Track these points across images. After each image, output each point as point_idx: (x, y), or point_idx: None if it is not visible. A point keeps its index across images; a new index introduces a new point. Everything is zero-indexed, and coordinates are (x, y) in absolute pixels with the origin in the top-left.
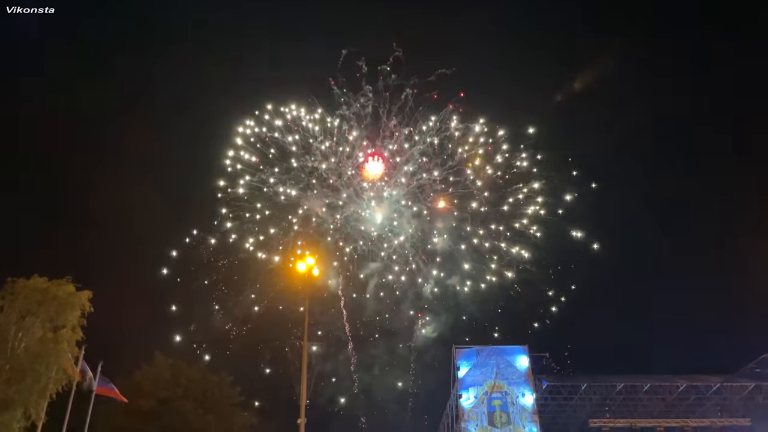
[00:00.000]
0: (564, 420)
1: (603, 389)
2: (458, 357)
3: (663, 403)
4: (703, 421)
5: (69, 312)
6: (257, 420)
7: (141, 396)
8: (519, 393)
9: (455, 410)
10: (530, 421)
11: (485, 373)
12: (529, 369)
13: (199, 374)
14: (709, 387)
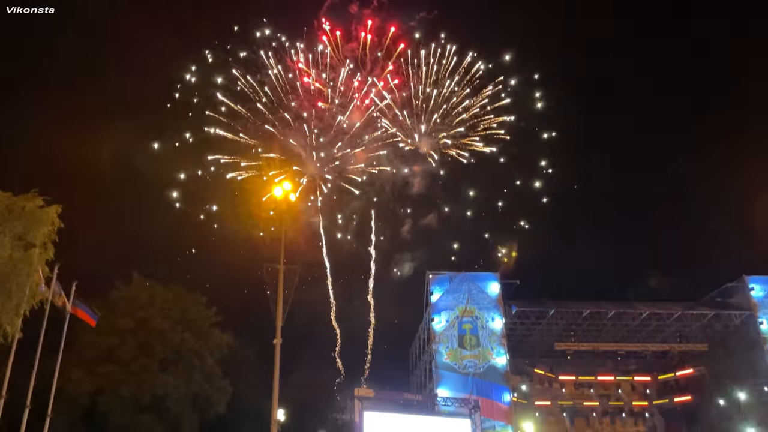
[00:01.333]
0: (531, 343)
1: (569, 315)
2: (432, 283)
3: (626, 328)
4: (663, 346)
5: (38, 228)
6: (234, 340)
7: (118, 315)
8: (489, 317)
9: (427, 333)
10: (498, 344)
11: (457, 299)
12: (499, 295)
13: (175, 295)
14: (670, 314)
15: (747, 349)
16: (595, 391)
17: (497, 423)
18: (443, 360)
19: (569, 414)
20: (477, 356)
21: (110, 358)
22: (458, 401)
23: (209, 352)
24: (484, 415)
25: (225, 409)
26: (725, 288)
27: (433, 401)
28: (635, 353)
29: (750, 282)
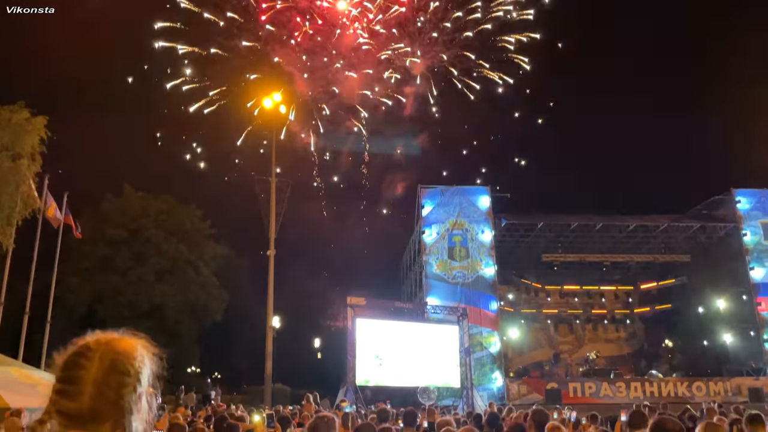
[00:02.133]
0: (519, 255)
1: (558, 227)
2: (423, 196)
3: (612, 240)
4: (648, 257)
5: (25, 139)
6: (229, 252)
7: (111, 226)
8: (479, 230)
9: (418, 245)
10: (487, 256)
11: (448, 212)
12: (489, 208)
13: (169, 207)
14: (657, 226)
15: (729, 260)
16: (579, 300)
17: (484, 329)
18: (433, 271)
19: (553, 321)
20: (466, 267)
21: (106, 269)
22: (447, 309)
23: (204, 263)
24: (471, 322)
25: (222, 317)
26: (712, 201)
27: (423, 309)
28: (620, 264)
29: (737, 195)
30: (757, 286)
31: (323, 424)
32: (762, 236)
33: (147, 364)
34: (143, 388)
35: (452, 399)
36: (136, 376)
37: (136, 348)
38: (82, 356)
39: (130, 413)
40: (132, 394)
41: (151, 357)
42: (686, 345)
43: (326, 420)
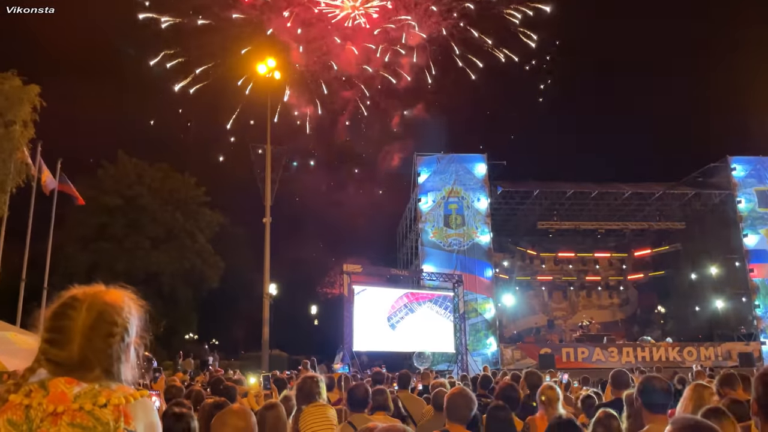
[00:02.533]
0: (515, 222)
1: (553, 195)
2: (419, 164)
3: (608, 208)
4: (642, 225)
5: (18, 107)
6: (224, 219)
7: (105, 193)
8: (475, 198)
9: (414, 213)
10: (483, 223)
11: (444, 179)
12: (486, 176)
13: (163, 174)
14: (652, 194)
15: (723, 227)
16: (574, 267)
17: (479, 296)
18: (429, 238)
19: (548, 288)
20: (462, 234)
21: (102, 236)
22: (442, 276)
23: (200, 230)
24: (466, 289)
25: (219, 285)
26: (708, 168)
27: (419, 276)
28: (615, 231)
29: (732, 162)
30: (749, 252)
31: (310, 383)
32: (756, 203)
33: (134, 315)
34: (131, 338)
35: (447, 364)
36: (124, 326)
37: (123, 299)
38: (69, 307)
39: (119, 361)
40: (120, 343)
41: (137, 308)
42: (678, 311)
43: (313, 379)
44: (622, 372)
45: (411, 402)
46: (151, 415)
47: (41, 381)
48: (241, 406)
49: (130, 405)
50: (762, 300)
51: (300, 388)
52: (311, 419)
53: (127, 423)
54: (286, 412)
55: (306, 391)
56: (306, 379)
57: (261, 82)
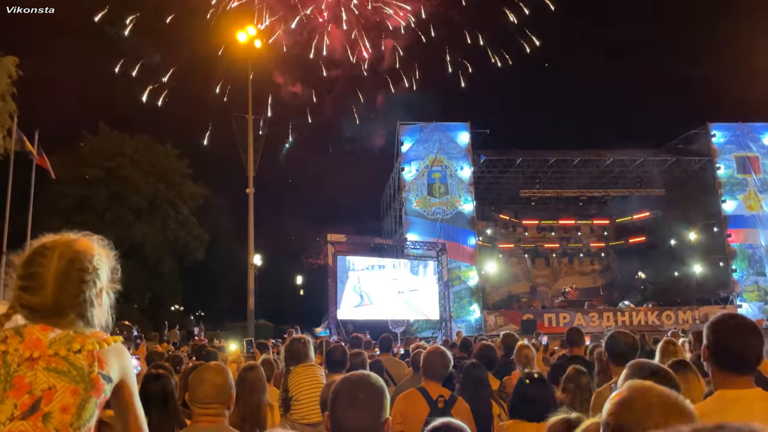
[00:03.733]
0: (498, 190)
1: (536, 163)
2: (402, 133)
3: (589, 175)
4: (623, 191)
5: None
6: (207, 191)
7: (87, 165)
8: (458, 166)
9: (397, 182)
10: (466, 192)
11: (427, 149)
12: (469, 144)
13: (145, 145)
14: (633, 161)
15: (702, 193)
16: (556, 234)
17: (463, 264)
18: (413, 207)
19: (530, 255)
20: (445, 203)
21: (84, 208)
22: (426, 244)
23: (183, 202)
24: (450, 257)
25: (203, 256)
26: (688, 135)
27: (403, 245)
28: (596, 198)
29: (712, 129)
30: (728, 218)
31: (298, 344)
32: (735, 169)
33: (104, 262)
34: (102, 284)
35: (431, 331)
36: (95, 272)
37: (93, 246)
38: (40, 255)
39: (92, 307)
40: (92, 289)
41: (108, 255)
42: (658, 276)
43: (302, 341)
44: (574, 329)
45: (392, 364)
46: (124, 360)
47: (16, 328)
48: (218, 363)
49: (104, 350)
50: (739, 264)
51: (289, 349)
52: (300, 378)
53: (101, 368)
54: (268, 375)
55: (295, 352)
56: (294, 340)
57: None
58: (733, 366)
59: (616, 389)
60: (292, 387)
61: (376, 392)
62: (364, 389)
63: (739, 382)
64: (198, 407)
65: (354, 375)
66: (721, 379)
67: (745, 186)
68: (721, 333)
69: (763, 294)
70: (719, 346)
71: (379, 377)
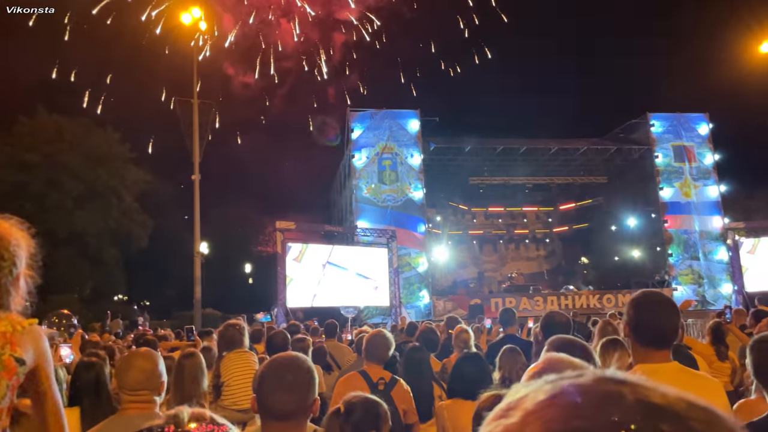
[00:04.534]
0: (447, 178)
1: (484, 151)
2: (352, 120)
3: (536, 163)
4: (567, 179)
5: None
6: (152, 177)
7: (24, 150)
8: (408, 154)
9: (348, 169)
10: (416, 179)
11: (378, 135)
12: (419, 132)
13: (85, 129)
14: (577, 149)
15: (641, 181)
16: (503, 221)
17: (413, 250)
18: (363, 194)
19: (479, 242)
20: (395, 191)
21: (20, 195)
22: (376, 232)
23: (126, 188)
24: (400, 244)
25: (147, 244)
26: (628, 124)
27: (353, 232)
28: (542, 186)
29: (652, 118)
30: (665, 205)
31: (232, 330)
32: (672, 158)
33: (22, 247)
34: (19, 270)
35: (381, 317)
36: (11, 259)
37: (10, 231)
38: None
39: (8, 293)
40: (9, 276)
41: (26, 239)
42: (599, 261)
43: (235, 326)
44: (505, 309)
45: (337, 350)
46: (40, 343)
47: None
48: (148, 349)
49: (17, 333)
50: (674, 249)
51: (222, 335)
52: (232, 365)
53: (14, 350)
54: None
55: (228, 338)
56: (228, 326)
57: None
58: (652, 341)
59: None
60: (224, 373)
61: (304, 373)
62: (292, 371)
63: (657, 356)
64: (127, 394)
65: (281, 357)
66: (641, 354)
67: (681, 174)
68: (640, 310)
69: (697, 277)
70: (638, 323)
71: (307, 358)
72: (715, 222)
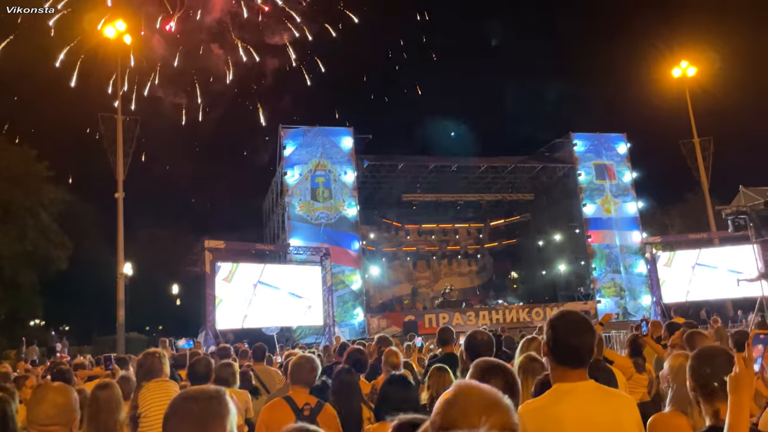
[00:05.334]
0: (381, 195)
1: (417, 168)
2: (285, 136)
3: (466, 180)
4: (497, 196)
5: None
6: (72, 196)
7: None
8: (342, 171)
9: (280, 187)
10: (350, 196)
11: (311, 153)
12: (352, 149)
13: None
14: (505, 167)
15: (566, 198)
16: (436, 237)
17: (347, 268)
18: (296, 212)
19: (412, 258)
20: (329, 208)
21: None
22: (310, 250)
23: (43, 208)
24: (334, 262)
25: (67, 266)
26: (553, 143)
27: (286, 250)
28: (473, 203)
29: (574, 138)
30: (588, 220)
31: (151, 359)
32: (594, 176)
33: None
34: None
35: (315, 336)
36: None
37: None
38: None
39: None
40: None
41: None
42: (528, 275)
43: (155, 355)
44: (444, 329)
45: (265, 374)
46: None
47: None
48: (61, 383)
49: None
50: (597, 263)
51: (141, 364)
52: (151, 395)
53: None
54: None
55: (147, 366)
56: (147, 354)
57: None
58: (568, 360)
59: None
60: (141, 403)
61: (213, 404)
62: (198, 402)
63: (574, 375)
64: (36, 429)
65: (190, 389)
66: (558, 373)
67: (603, 191)
68: (556, 330)
69: (619, 289)
70: (556, 343)
71: (219, 388)
72: (634, 237)
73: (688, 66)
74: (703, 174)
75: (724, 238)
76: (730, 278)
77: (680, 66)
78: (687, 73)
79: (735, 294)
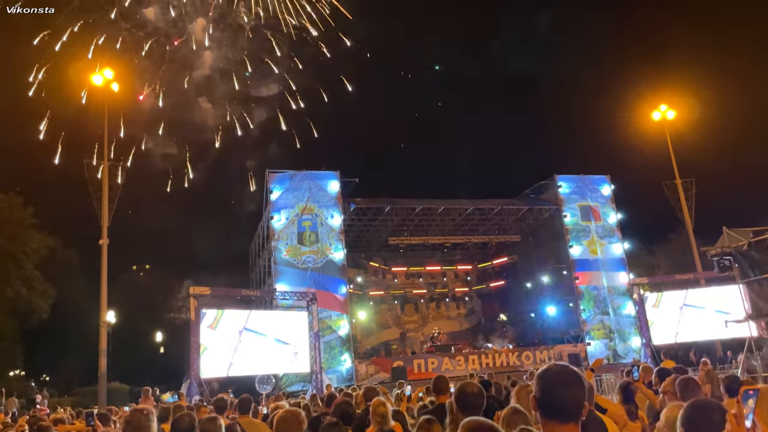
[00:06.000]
0: (367, 238)
1: (403, 211)
2: (271, 181)
3: (452, 223)
4: (483, 238)
5: None
6: (56, 242)
7: None
8: (328, 215)
9: (267, 231)
10: (337, 240)
11: (297, 197)
12: (339, 193)
13: None
14: (491, 209)
15: (552, 239)
16: (424, 280)
17: (333, 313)
18: (282, 256)
19: (400, 302)
20: (316, 252)
21: None
22: (296, 294)
23: (26, 255)
24: (321, 307)
25: (49, 314)
26: (538, 186)
27: (272, 296)
28: (460, 245)
29: (559, 180)
30: (575, 262)
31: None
32: (579, 217)
33: None
34: None
35: (302, 384)
36: None
37: None
38: None
39: None
40: None
41: None
42: (517, 318)
43: (143, 412)
44: (439, 378)
45: (251, 427)
46: None
47: None
48: None
49: None
50: (586, 304)
51: (128, 421)
52: None
53: None
54: None
55: (134, 425)
56: (135, 411)
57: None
58: (557, 415)
59: None
60: None
61: None
62: None
63: (563, 430)
64: None
65: None
66: (549, 429)
67: (589, 232)
68: (544, 384)
69: (608, 331)
70: (544, 396)
71: None
72: (621, 278)
73: (667, 109)
74: (687, 215)
75: (710, 278)
76: (717, 319)
77: (660, 109)
78: (666, 116)
79: (723, 335)
